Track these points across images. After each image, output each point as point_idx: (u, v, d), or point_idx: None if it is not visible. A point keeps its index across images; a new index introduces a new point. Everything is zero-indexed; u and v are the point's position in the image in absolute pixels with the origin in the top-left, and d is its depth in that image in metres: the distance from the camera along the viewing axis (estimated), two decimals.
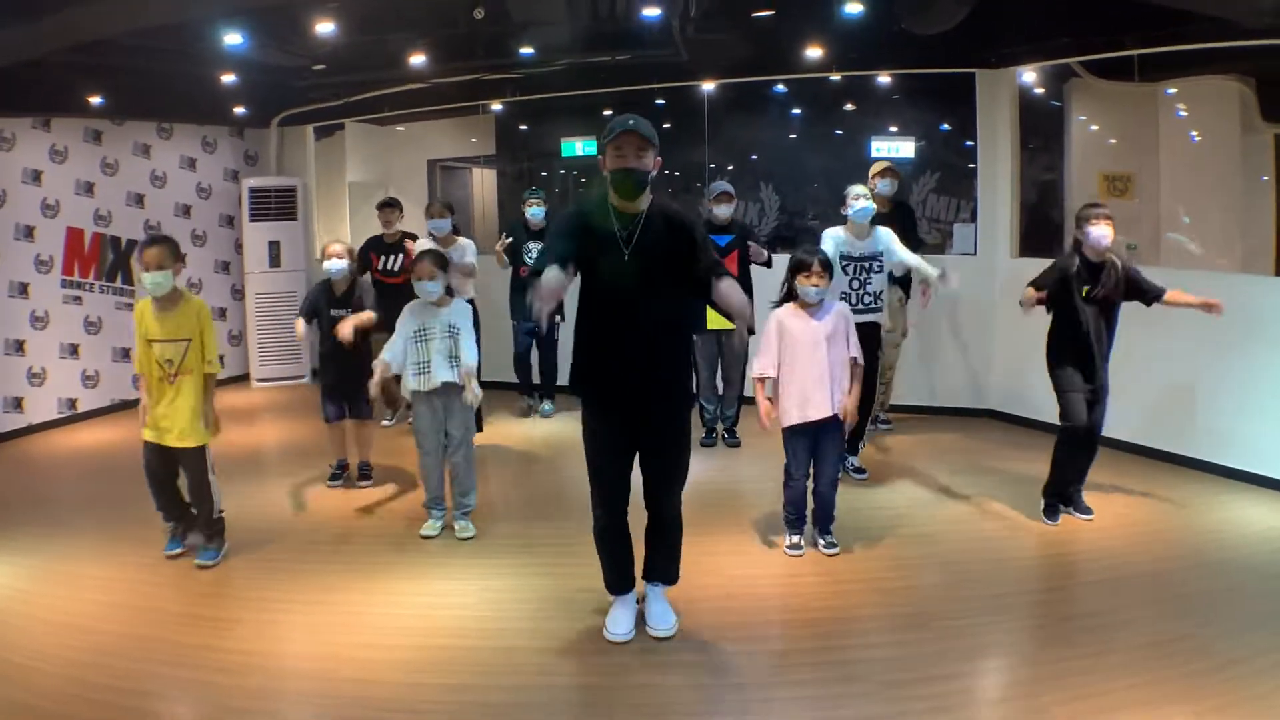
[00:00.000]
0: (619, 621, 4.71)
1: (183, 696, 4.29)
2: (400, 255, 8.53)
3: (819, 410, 5.51)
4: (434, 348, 5.97)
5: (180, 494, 5.77)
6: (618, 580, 4.77)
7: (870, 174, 7.69)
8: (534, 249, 8.73)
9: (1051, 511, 6.14)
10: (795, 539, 5.72)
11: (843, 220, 6.79)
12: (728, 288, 4.35)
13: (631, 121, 4.29)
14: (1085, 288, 5.85)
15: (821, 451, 5.67)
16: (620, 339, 4.41)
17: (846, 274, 6.63)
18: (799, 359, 5.52)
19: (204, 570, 5.61)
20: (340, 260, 6.89)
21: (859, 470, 7.04)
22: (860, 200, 6.67)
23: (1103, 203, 5.91)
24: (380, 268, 8.59)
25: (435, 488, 6.20)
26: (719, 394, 8.03)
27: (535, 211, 8.82)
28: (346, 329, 6.51)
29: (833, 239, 6.73)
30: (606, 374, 4.47)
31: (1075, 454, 6.05)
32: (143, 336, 5.49)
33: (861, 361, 5.69)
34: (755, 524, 6.17)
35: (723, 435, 8.15)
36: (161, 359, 5.45)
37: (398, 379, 6.15)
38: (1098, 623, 4.80)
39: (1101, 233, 5.80)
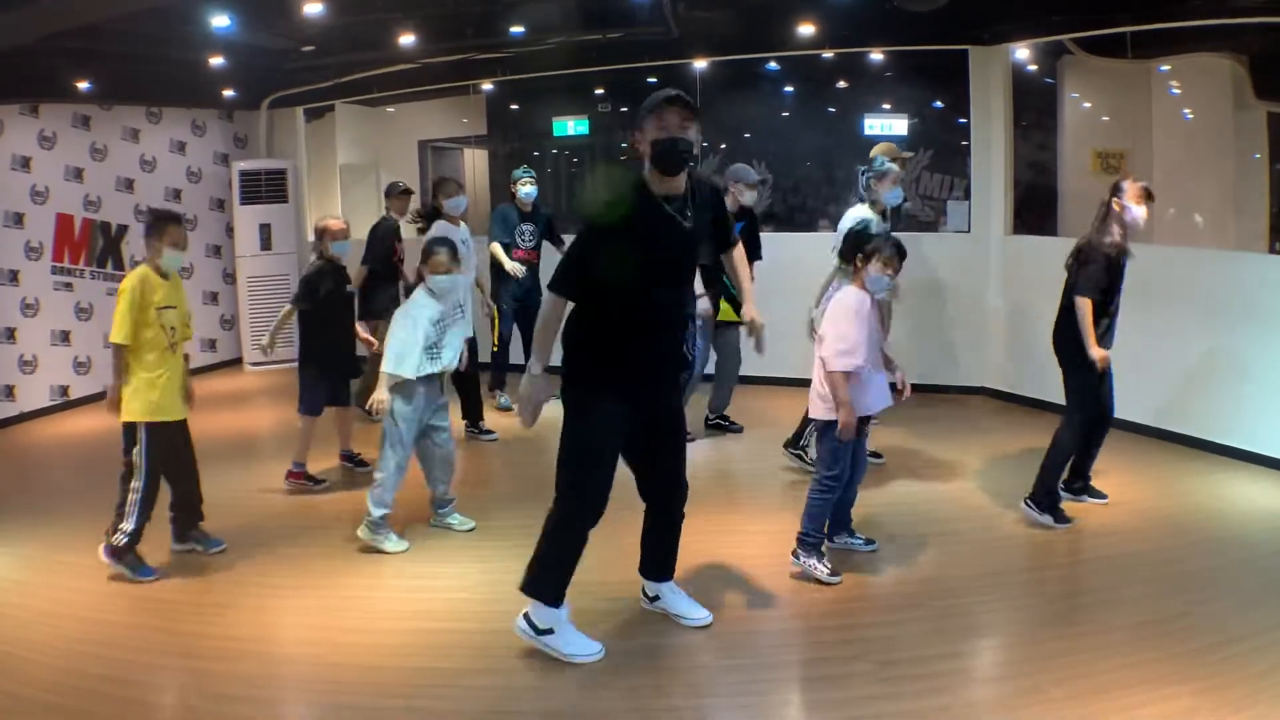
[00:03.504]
0: (579, 641, 4.36)
1: (175, 684, 4.29)
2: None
3: (882, 400, 5.14)
4: (448, 336, 5.75)
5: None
6: (564, 588, 4.38)
7: (890, 155, 7.24)
8: (527, 230, 8.51)
9: (1060, 513, 5.72)
10: (829, 564, 5.07)
11: (834, 198, 6.65)
12: (741, 257, 4.62)
13: (675, 91, 4.10)
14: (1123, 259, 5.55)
15: (859, 448, 5.21)
16: (652, 332, 4.24)
17: None
18: (868, 349, 4.95)
19: (197, 557, 5.59)
20: (347, 241, 6.82)
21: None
22: (898, 184, 6.43)
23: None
24: (401, 256, 8.43)
25: (396, 489, 5.70)
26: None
27: (529, 191, 8.45)
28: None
29: (861, 219, 6.27)
30: (634, 372, 4.26)
31: (1080, 448, 5.83)
32: (152, 304, 5.20)
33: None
34: (747, 505, 6.16)
35: (719, 423, 7.89)
36: (167, 325, 5.29)
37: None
38: (1095, 601, 4.82)
39: (1144, 215, 5.49)
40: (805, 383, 5.27)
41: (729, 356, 7.70)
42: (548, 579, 4.36)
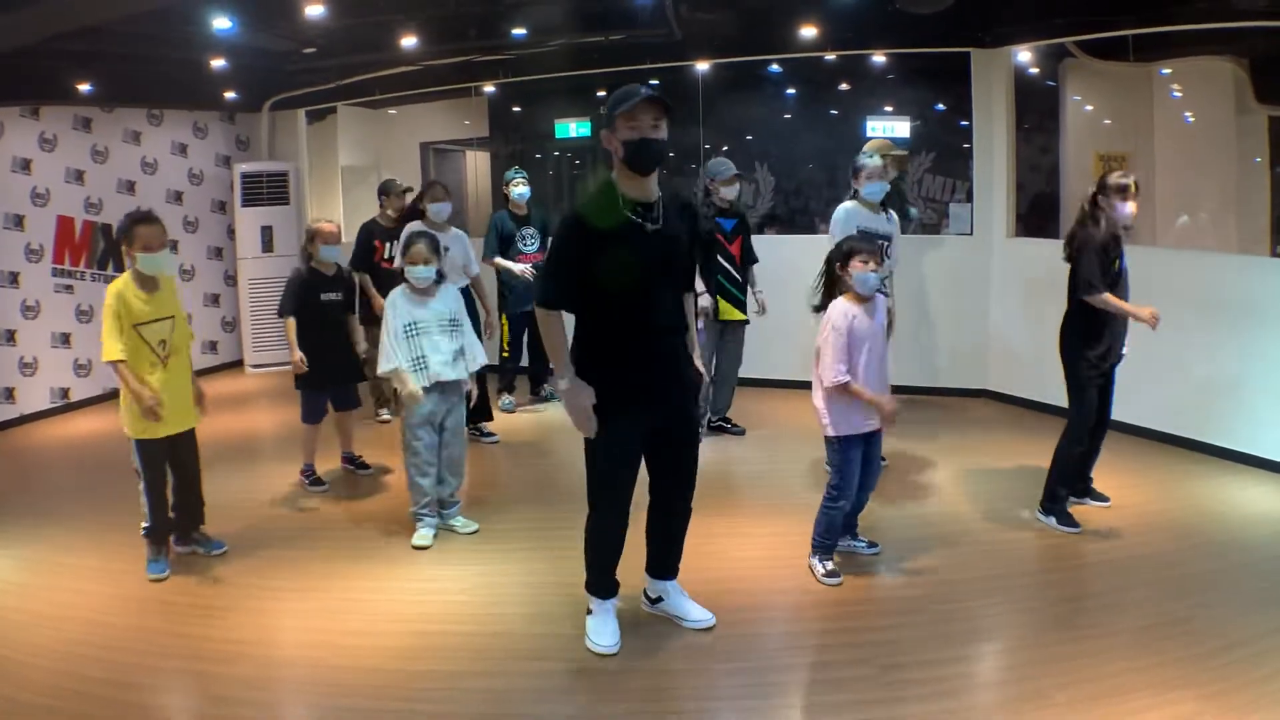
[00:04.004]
0: (607, 632, 4.46)
1: (175, 687, 4.27)
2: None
3: (873, 415, 5.00)
4: (429, 343, 5.73)
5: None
6: (611, 583, 4.54)
7: (880, 151, 7.25)
8: (528, 235, 8.48)
9: (1068, 518, 5.73)
10: (831, 565, 5.12)
11: (835, 200, 6.61)
12: (690, 304, 4.54)
13: (644, 90, 4.03)
14: (1115, 260, 5.49)
15: (871, 455, 5.12)
16: (649, 334, 4.23)
17: None
18: (863, 360, 4.89)
19: (197, 560, 5.57)
20: (338, 246, 6.79)
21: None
22: (875, 179, 6.39)
23: (1130, 174, 5.49)
24: (385, 255, 8.20)
25: (431, 489, 5.84)
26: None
27: (522, 192, 8.44)
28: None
29: (847, 213, 6.43)
30: (639, 375, 4.23)
31: (1084, 450, 5.81)
32: (129, 322, 5.10)
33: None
34: (750, 507, 6.14)
35: (721, 425, 7.87)
36: (155, 341, 5.20)
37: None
38: (1098, 604, 4.80)
39: (1131, 212, 5.45)
40: (805, 384, 5.26)
41: (729, 357, 7.65)
42: (591, 576, 4.53)
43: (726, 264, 7.35)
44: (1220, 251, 8.28)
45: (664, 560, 4.69)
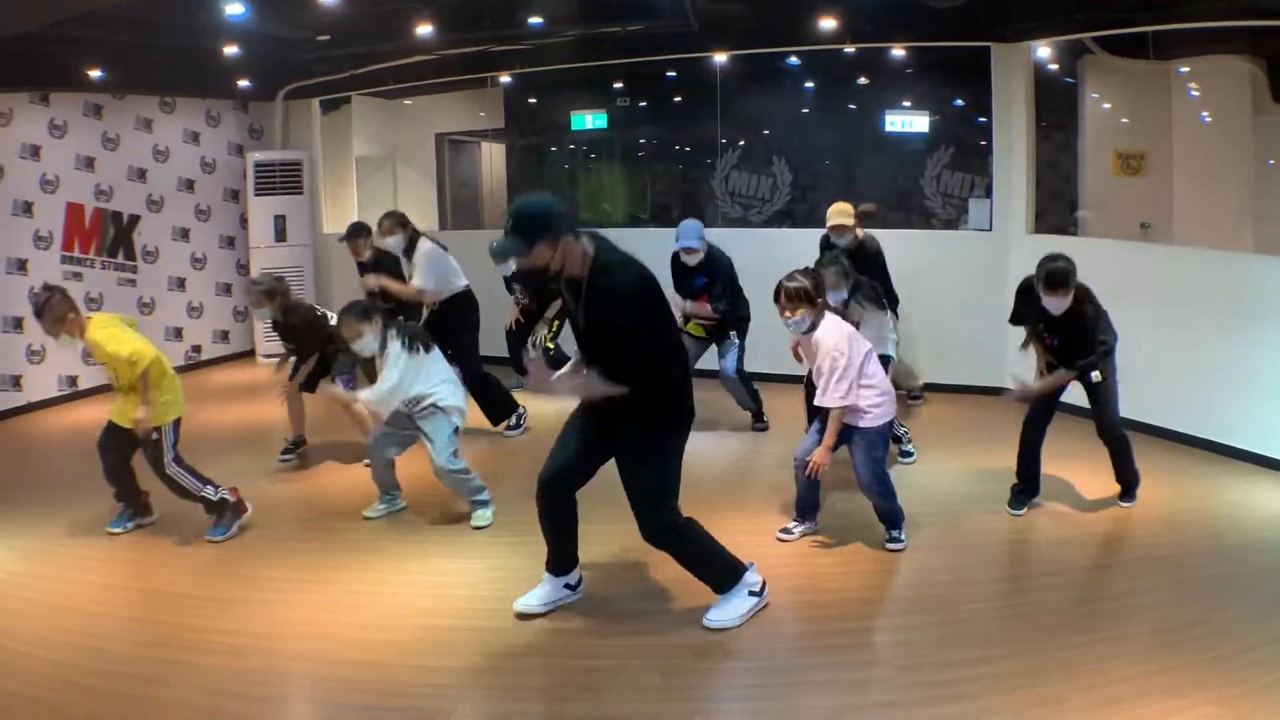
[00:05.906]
0: (529, 594, 4.68)
1: (182, 681, 4.20)
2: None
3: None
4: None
5: (130, 477, 5.88)
6: (550, 554, 4.67)
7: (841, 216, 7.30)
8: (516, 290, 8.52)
9: (1013, 502, 5.96)
10: (789, 524, 5.61)
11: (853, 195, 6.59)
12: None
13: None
14: (1040, 324, 5.73)
15: (852, 454, 5.34)
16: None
17: None
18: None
19: (204, 549, 5.55)
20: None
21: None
22: (832, 288, 6.09)
23: (1068, 263, 5.39)
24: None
25: (379, 478, 6.07)
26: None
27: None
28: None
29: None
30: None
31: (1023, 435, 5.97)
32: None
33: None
34: (770, 505, 6.07)
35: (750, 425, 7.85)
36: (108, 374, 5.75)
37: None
38: (1113, 607, 4.74)
39: (1054, 304, 5.47)
40: None
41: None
42: None
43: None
44: (1236, 251, 8.20)
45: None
